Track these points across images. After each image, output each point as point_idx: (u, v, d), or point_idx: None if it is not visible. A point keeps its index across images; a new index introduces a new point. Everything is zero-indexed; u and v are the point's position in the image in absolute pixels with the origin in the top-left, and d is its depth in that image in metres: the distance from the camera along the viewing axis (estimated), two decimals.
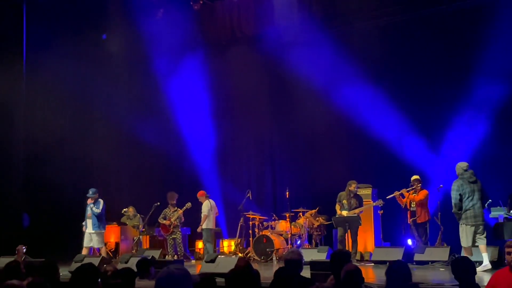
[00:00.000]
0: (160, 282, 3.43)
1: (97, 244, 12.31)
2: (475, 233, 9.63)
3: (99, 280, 4.88)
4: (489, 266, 9.31)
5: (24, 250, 11.40)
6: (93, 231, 12.24)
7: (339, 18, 14.59)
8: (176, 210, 13.09)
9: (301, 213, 13.47)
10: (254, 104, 15.70)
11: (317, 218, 13.33)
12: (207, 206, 13.29)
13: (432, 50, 13.34)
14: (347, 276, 4.75)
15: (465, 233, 9.63)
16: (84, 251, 12.21)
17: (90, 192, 12.44)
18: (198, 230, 13.33)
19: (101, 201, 12.39)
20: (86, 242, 12.32)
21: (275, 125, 15.89)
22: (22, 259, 10.70)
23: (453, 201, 9.73)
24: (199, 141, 16.33)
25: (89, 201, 12.37)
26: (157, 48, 15.85)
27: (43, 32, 15.25)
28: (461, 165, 9.92)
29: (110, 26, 15.90)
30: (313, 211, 13.38)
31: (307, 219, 13.29)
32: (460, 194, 9.66)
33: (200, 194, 13.41)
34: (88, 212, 12.31)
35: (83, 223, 12.39)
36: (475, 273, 5.14)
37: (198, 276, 4.62)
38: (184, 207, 13.05)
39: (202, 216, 13.21)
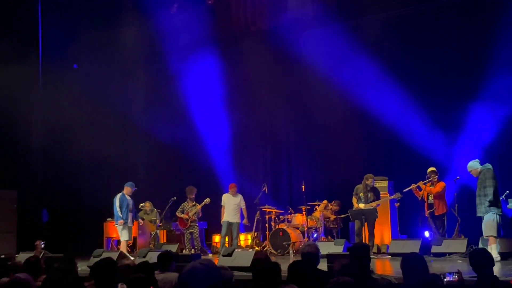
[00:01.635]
0: (183, 277, 3.46)
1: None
2: None
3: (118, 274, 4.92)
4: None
5: (43, 245, 11.52)
6: (132, 225, 12.58)
7: (352, 10, 14.50)
8: (194, 205, 13.11)
9: (316, 206, 13.47)
10: (269, 98, 15.67)
11: (329, 208, 13.33)
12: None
13: (447, 40, 13.21)
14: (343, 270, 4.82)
15: (496, 223, 9.58)
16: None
17: (134, 185, 12.64)
18: (246, 222, 13.39)
19: None
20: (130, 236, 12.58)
21: (291, 118, 15.87)
22: (41, 254, 10.80)
23: (492, 189, 9.65)
24: (215, 135, 16.36)
25: (129, 194, 12.52)
26: (172, 43, 15.89)
27: (58, 28, 15.36)
28: (476, 161, 9.90)
29: (125, 22, 15.96)
30: (324, 203, 13.36)
31: (321, 212, 13.30)
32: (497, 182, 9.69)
33: (235, 186, 13.34)
34: (130, 206, 12.49)
35: (125, 217, 12.41)
36: (493, 264, 5.11)
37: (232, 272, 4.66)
38: (203, 203, 13.03)
39: (243, 209, 13.25)
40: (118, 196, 12.51)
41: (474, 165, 9.97)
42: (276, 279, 4.50)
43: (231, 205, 13.11)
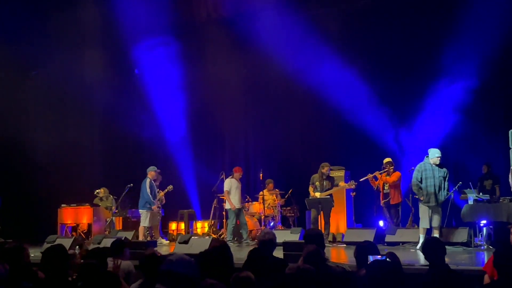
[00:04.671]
0: (167, 266, 3.49)
1: None
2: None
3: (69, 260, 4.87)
4: None
5: None
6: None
7: (314, 0, 14.54)
8: (158, 192, 12.94)
9: (261, 196, 13.36)
10: (229, 86, 15.61)
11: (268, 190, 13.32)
12: None
13: (405, 32, 13.29)
14: (308, 256, 4.85)
15: None
16: None
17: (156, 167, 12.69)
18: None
19: None
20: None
21: (249, 106, 15.88)
22: None
23: None
24: (173, 122, 16.24)
25: (154, 178, 12.54)
26: (131, 29, 15.59)
27: (12, 11, 14.92)
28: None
29: (83, 5, 15.62)
30: (264, 191, 13.33)
31: (268, 200, 13.27)
32: None
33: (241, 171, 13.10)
34: (155, 191, 12.52)
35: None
36: (445, 253, 5.19)
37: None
38: (166, 190, 12.90)
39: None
40: (148, 181, 12.43)
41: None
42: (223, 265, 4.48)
43: (238, 191, 12.75)
